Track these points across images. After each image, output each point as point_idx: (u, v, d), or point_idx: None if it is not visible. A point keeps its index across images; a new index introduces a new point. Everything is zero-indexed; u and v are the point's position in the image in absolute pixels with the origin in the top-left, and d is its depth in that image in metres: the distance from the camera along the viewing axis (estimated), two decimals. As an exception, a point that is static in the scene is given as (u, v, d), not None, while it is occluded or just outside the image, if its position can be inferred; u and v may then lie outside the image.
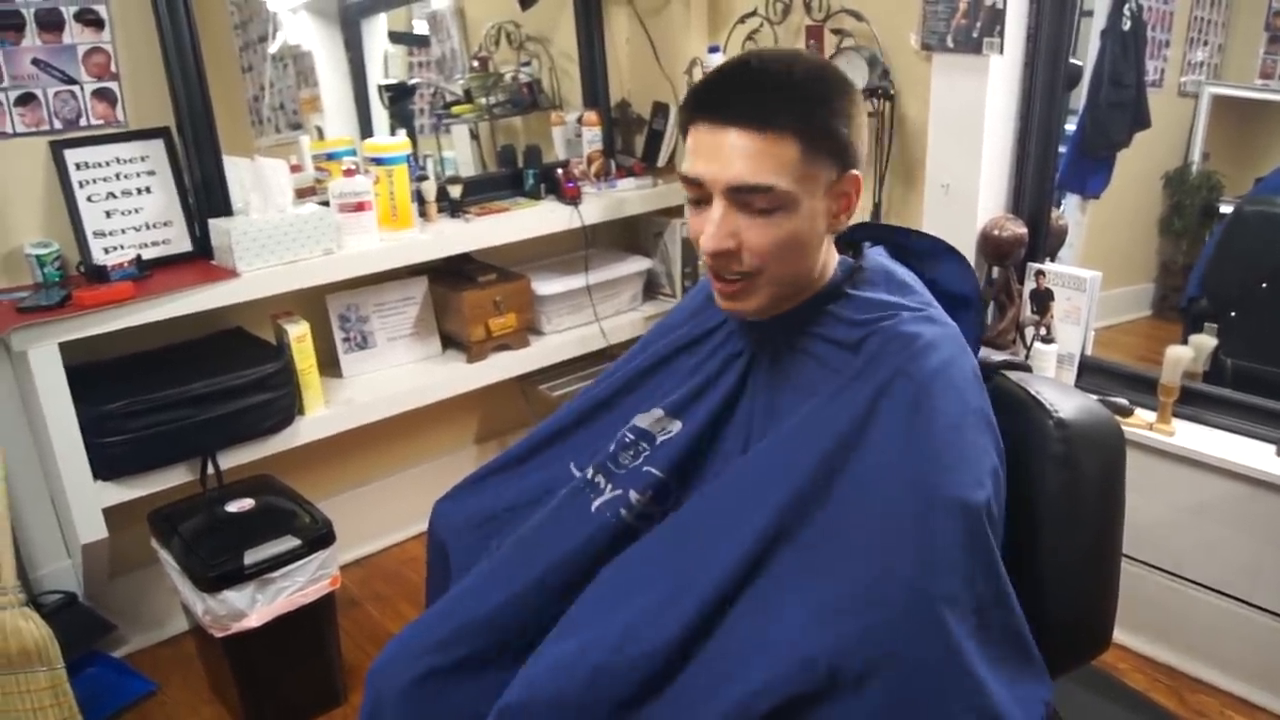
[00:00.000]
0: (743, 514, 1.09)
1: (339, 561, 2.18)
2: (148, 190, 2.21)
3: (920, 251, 1.28)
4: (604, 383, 1.43)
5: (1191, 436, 2.17)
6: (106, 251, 2.15)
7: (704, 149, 1.08)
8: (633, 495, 1.21)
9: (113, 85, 2.19)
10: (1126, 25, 3.16)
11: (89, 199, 2.14)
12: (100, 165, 2.16)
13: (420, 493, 1.89)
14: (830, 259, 1.19)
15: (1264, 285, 2.60)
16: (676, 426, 1.24)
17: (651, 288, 3.13)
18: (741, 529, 1.08)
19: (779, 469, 1.10)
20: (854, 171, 1.13)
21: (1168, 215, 3.87)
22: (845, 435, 1.07)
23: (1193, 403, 2.24)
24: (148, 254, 2.18)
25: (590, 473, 1.27)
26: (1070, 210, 3.20)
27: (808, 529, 1.06)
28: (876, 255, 1.24)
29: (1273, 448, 2.09)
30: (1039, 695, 1.06)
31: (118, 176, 2.18)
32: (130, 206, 2.19)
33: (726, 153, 1.06)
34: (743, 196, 1.07)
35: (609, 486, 1.24)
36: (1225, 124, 3.83)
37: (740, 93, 1.07)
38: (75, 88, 2.15)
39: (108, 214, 2.16)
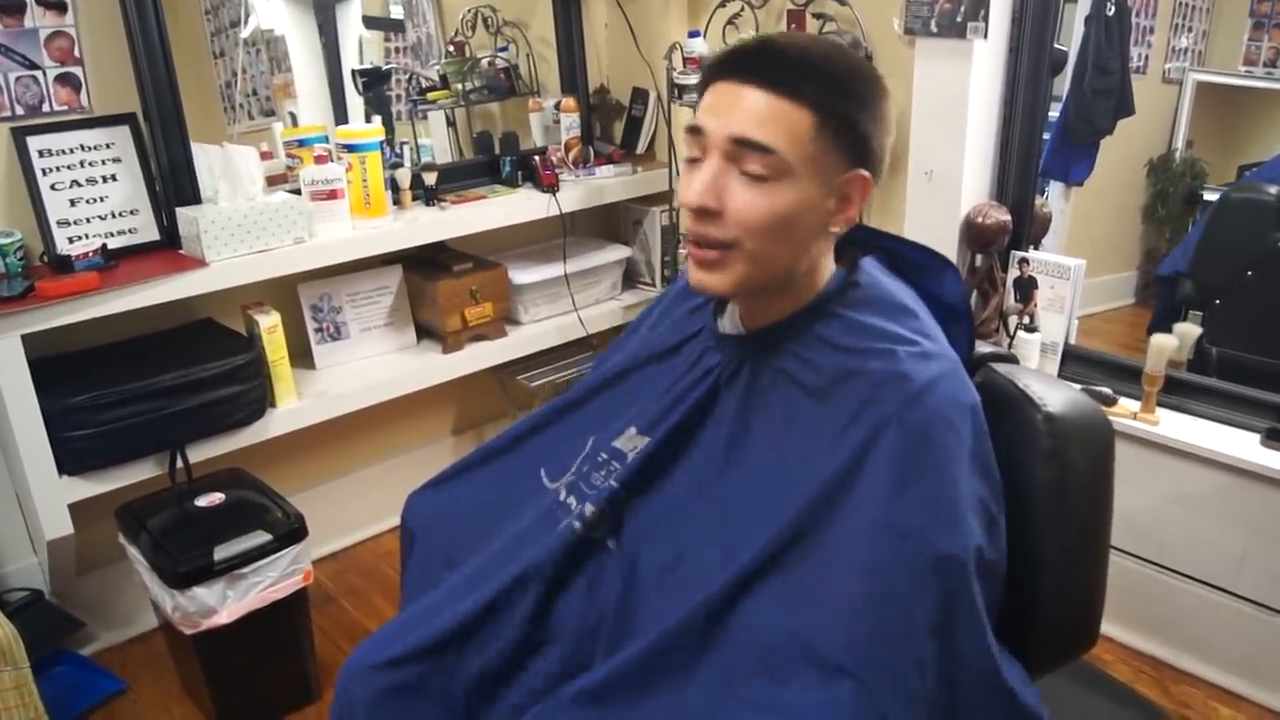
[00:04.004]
0: (721, 560, 1.05)
1: (312, 556, 2.15)
2: (113, 178, 2.16)
3: (917, 264, 1.22)
4: (580, 384, 1.40)
5: (1176, 426, 2.16)
6: (71, 241, 2.09)
7: (717, 103, 1.05)
8: (588, 507, 1.18)
9: (76, 70, 2.14)
10: (1111, 11, 3.14)
11: (53, 187, 2.08)
12: (64, 152, 2.10)
13: (396, 485, 1.86)
14: (824, 267, 1.13)
15: (1249, 273, 2.59)
16: (645, 443, 1.20)
17: (631, 276, 3.10)
18: (716, 580, 1.04)
19: (761, 517, 1.05)
20: (863, 171, 1.07)
21: (1151, 203, 3.87)
22: (833, 484, 1.02)
23: (1177, 392, 2.22)
24: (114, 243, 2.12)
25: (563, 493, 1.24)
26: (1054, 198, 3.19)
27: (791, 580, 1.02)
28: (872, 269, 1.17)
29: (1257, 437, 2.08)
30: None
31: (82, 164, 2.12)
32: (95, 195, 2.14)
33: (737, 106, 1.03)
34: (740, 153, 1.02)
35: (577, 506, 1.21)
36: (1209, 111, 3.83)
37: (770, 55, 1.04)
38: (37, 73, 2.09)
39: (72, 202, 2.11)
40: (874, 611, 0.97)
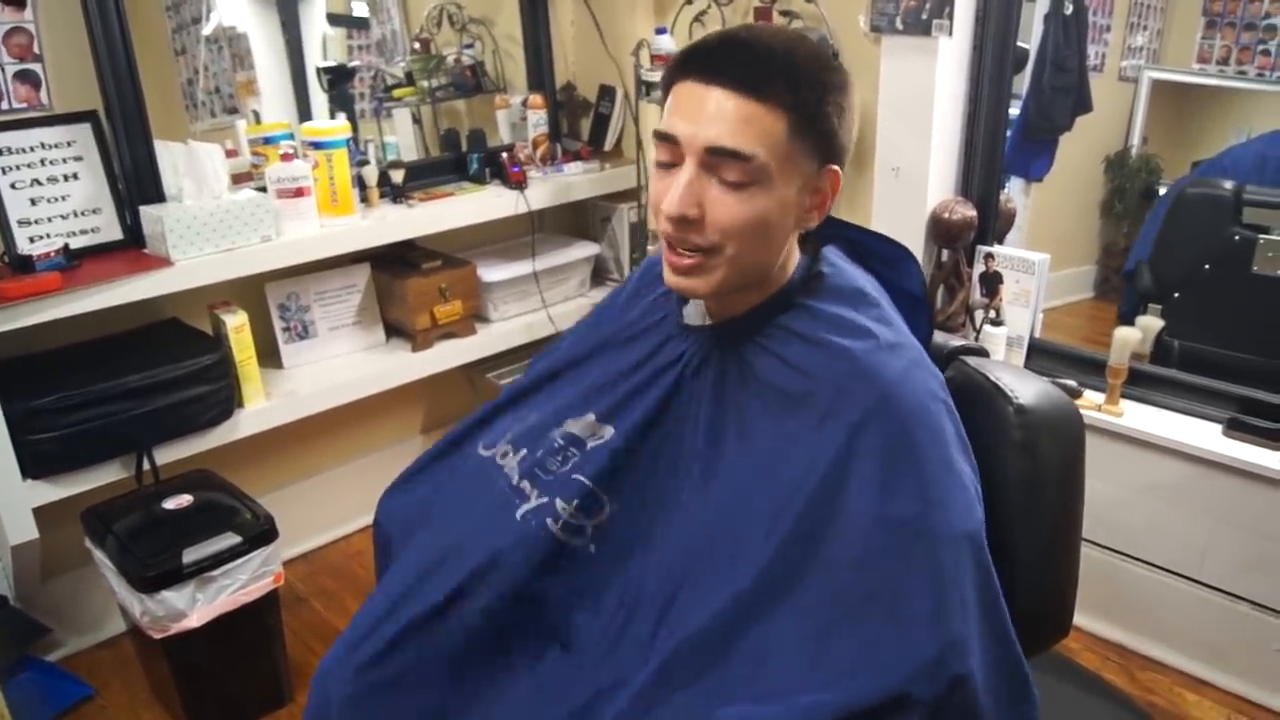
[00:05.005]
0: (719, 577, 1.04)
1: (282, 557, 2.12)
2: (75, 177, 2.12)
3: (878, 252, 1.22)
4: (540, 363, 1.38)
5: (1140, 417, 2.19)
6: (32, 241, 2.05)
7: (686, 106, 1.01)
8: (559, 504, 1.16)
9: (36, 67, 2.10)
10: (1069, 9, 3.19)
11: (12, 186, 2.04)
12: (24, 151, 2.06)
13: (366, 485, 1.85)
14: (791, 258, 1.13)
15: (1207, 267, 2.64)
16: (608, 433, 1.19)
17: (600, 273, 3.10)
18: (720, 594, 1.02)
19: (755, 521, 1.04)
20: (834, 167, 1.06)
21: (1109, 198, 3.93)
22: (826, 485, 1.01)
23: (1140, 384, 2.26)
24: (76, 243, 2.09)
25: (515, 476, 1.22)
26: (1014, 193, 3.23)
27: (804, 587, 1.00)
28: (835, 258, 1.17)
29: (1219, 427, 2.12)
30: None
31: (43, 162, 2.08)
32: (57, 194, 2.10)
33: (710, 112, 0.99)
34: (718, 161, 1.00)
35: (535, 493, 1.19)
36: (1164, 108, 3.90)
37: (735, 54, 1.01)
38: (-5, 69, 2.06)
39: (33, 202, 2.07)
40: (902, 604, 0.97)
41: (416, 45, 2.99)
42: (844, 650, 0.97)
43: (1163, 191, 3.56)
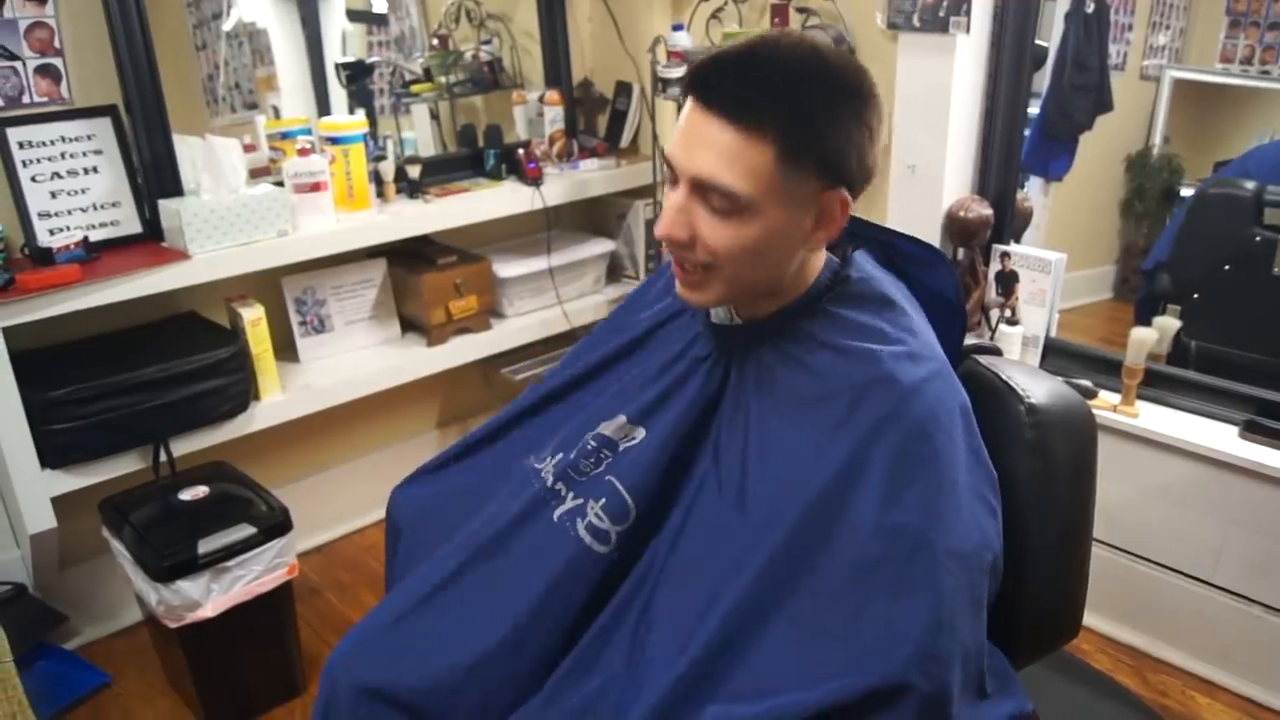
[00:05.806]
0: (719, 577, 1.04)
1: (297, 549, 2.14)
2: (95, 170, 2.14)
3: (909, 255, 1.21)
4: (565, 369, 1.39)
5: (1155, 418, 2.18)
6: (52, 233, 2.08)
7: (685, 129, 1.02)
8: (590, 505, 1.16)
9: (57, 61, 2.12)
10: (1090, 8, 3.17)
11: (33, 179, 2.07)
12: (45, 144, 2.09)
13: (380, 478, 1.85)
14: (812, 265, 1.12)
15: (1226, 267, 2.62)
16: (640, 434, 1.19)
17: (615, 270, 3.10)
18: (723, 593, 1.03)
19: (759, 523, 1.04)
20: (840, 191, 1.03)
21: (1129, 198, 3.90)
22: (832, 489, 1.01)
23: (1156, 384, 2.25)
24: (95, 236, 2.11)
25: (550, 479, 1.23)
26: (1033, 193, 3.22)
27: (798, 594, 1.01)
28: (864, 263, 1.16)
29: (1235, 429, 2.10)
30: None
31: (63, 156, 2.11)
32: (77, 187, 2.12)
33: (700, 141, 0.99)
34: (704, 190, 1.00)
35: (570, 495, 1.19)
36: (1186, 107, 3.87)
37: (731, 78, 0.99)
38: (17, 64, 2.07)
39: (53, 194, 2.09)
40: (891, 616, 0.97)
41: (435, 41, 3.00)
42: (832, 653, 0.97)
43: (1184, 193, 3.54)
